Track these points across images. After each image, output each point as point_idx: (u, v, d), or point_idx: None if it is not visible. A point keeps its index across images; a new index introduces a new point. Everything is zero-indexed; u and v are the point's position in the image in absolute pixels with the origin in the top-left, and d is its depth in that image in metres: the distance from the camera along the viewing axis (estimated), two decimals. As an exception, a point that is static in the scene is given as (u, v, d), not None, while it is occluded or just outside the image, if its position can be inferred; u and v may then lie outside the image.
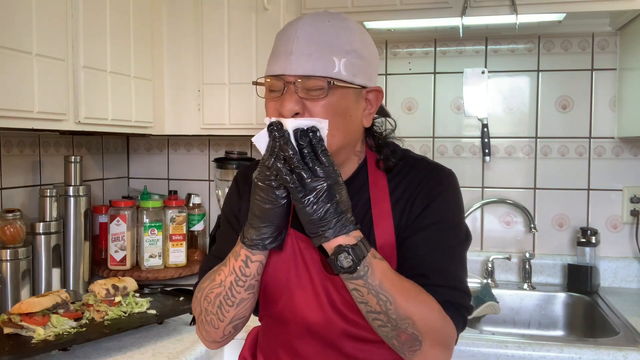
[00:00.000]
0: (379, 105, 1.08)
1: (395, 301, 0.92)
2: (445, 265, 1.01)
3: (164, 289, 1.88)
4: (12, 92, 1.34)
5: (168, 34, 2.05)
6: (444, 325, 0.97)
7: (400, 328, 0.94)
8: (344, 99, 1.00)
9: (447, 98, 2.26)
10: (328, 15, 1.02)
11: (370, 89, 1.05)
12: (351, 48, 0.99)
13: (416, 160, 1.11)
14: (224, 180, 2.27)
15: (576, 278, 2.07)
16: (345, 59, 0.98)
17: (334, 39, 0.98)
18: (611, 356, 1.48)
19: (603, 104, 2.14)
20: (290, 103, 0.96)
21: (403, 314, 0.93)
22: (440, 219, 1.04)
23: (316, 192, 0.89)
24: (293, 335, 1.09)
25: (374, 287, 0.92)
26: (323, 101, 0.97)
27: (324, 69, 0.97)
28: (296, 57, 0.97)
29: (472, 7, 1.84)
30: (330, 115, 0.98)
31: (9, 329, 1.39)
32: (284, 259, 1.07)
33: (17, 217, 1.67)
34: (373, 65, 1.05)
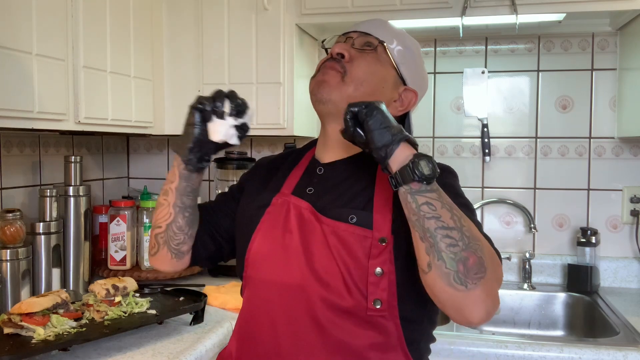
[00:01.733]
0: (409, 106, 1.17)
1: (464, 218, 0.92)
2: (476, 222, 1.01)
3: (164, 289, 1.88)
4: (12, 92, 1.34)
5: (168, 34, 2.05)
6: (499, 262, 0.99)
7: (471, 248, 0.89)
8: (383, 72, 1.13)
9: (447, 98, 2.26)
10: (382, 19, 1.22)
11: (409, 88, 1.16)
12: (404, 44, 1.15)
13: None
14: (224, 180, 2.27)
15: (576, 278, 2.07)
16: (400, 48, 1.14)
17: (393, 29, 1.17)
18: (611, 356, 1.48)
19: (603, 104, 2.14)
20: (342, 46, 1.13)
21: (475, 234, 0.92)
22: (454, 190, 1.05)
23: (375, 108, 0.94)
24: (268, 302, 1.10)
25: (447, 202, 0.92)
26: (369, 56, 1.12)
27: (383, 36, 1.14)
28: (367, 23, 1.17)
29: (472, 7, 1.85)
30: (370, 69, 1.12)
31: (9, 329, 1.39)
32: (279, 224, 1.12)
33: (17, 217, 1.67)
34: (420, 77, 1.19)
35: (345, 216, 1.06)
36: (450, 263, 0.89)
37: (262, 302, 1.12)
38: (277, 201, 1.15)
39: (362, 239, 1.04)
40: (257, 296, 1.14)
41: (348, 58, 1.12)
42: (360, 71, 1.11)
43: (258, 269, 1.14)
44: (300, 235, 1.09)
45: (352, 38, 1.16)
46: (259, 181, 1.25)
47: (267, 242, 1.13)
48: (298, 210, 1.12)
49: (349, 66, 1.12)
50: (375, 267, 1.02)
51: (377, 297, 1.02)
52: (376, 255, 1.03)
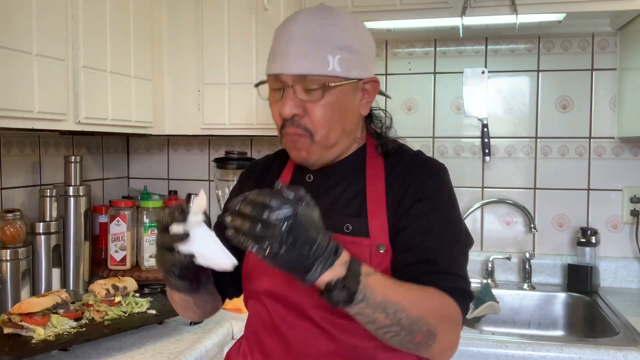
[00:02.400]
0: (376, 93, 1.12)
1: (404, 307, 0.90)
2: (452, 253, 1.03)
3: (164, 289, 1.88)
4: (12, 92, 1.34)
5: (168, 34, 2.05)
6: (450, 311, 0.98)
7: (414, 330, 0.92)
8: (341, 95, 1.04)
9: (447, 98, 2.26)
10: (322, 11, 1.05)
11: (367, 80, 1.08)
12: (345, 44, 1.02)
13: (412, 151, 1.16)
14: (224, 180, 2.27)
15: (576, 278, 2.06)
16: (339, 56, 1.01)
17: (327, 36, 1.01)
18: (611, 356, 1.47)
19: (603, 104, 2.14)
20: (290, 106, 1.02)
21: (415, 316, 0.91)
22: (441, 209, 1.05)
23: (277, 241, 0.80)
24: (274, 314, 1.10)
25: (379, 305, 0.88)
26: (322, 102, 1.02)
27: (319, 67, 1.00)
28: (292, 57, 1.01)
29: (472, 7, 1.84)
30: (329, 112, 1.03)
31: (9, 329, 1.39)
32: None
33: (17, 217, 1.67)
34: (368, 56, 1.08)
35: (340, 226, 1.05)
36: (400, 345, 0.94)
37: (267, 315, 1.11)
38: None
39: (361, 247, 1.03)
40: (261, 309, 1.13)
41: (303, 113, 1.03)
42: (322, 122, 1.03)
43: (258, 282, 1.12)
44: None
45: (288, 86, 1.02)
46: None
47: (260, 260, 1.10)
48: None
49: (309, 123, 1.03)
50: None
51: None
52: (377, 263, 1.02)
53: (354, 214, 1.06)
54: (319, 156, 1.08)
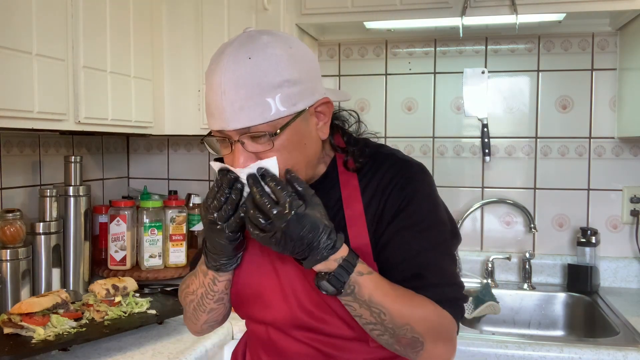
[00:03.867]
0: (331, 112, 1.02)
1: (389, 311, 0.93)
2: (438, 263, 1.01)
3: (164, 289, 1.88)
4: (12, 92, 1.34)
5: (168, 33, 2.05)
6: (442, 323, 0.97)
7: (398, 335, 0.94)
8: (294, 133, 0.95)
9: (447, 98, 2.26)
10: (248, 47, 0.92)
11: (318, 103, 0.98)
12: (282, 79, 0.91)
13: (386, 156, 1.08)
14: (224, 180, 2.26)
15: (576, 278, 2.07)
16: (279, 94, 0.91)
17: (261, 78, 0.90)
18: (611, 356, 1.48)
19: (603, 104, 2.14)
20: (241, 160, 0.94)
21: (399, 322, 0.93)
22: (422, 218, 1.02)
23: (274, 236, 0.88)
24: (271, 333, 1.10)
25: (365, 302, 0.92)
26: (275, 148, 0.94)
27: (261, 115, 0.91)
28: (229, 112, 0.91)
29: (472, 7, 1.84)
30: (286, 155, 0.95)
31: (9, 329, 1.39)
32: (256, 261, 1.08)
33: (17, 217, 1.67)
34: (311, 78, 0.97)
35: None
36: (386, 345, 0.98)
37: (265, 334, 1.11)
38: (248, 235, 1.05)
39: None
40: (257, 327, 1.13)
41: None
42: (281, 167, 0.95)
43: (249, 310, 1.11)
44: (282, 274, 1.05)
45: (235, 140, 0.94)
46: None
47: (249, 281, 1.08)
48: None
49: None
50: None
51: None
52: None
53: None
54: None
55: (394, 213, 1.02)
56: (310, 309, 1.03)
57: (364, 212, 1.03)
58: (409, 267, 0.99)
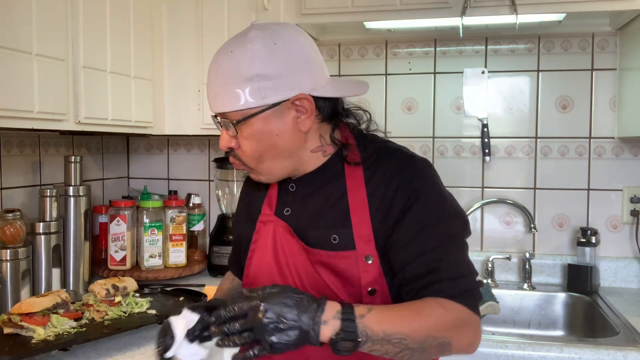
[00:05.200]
0: (312, 107, 1.05)
1: (407, 335, 0.94)
2: (451, 257, 1.03)
3: (164, 289, 1.88)
4: (12, 92, 1.34)
5: (168, 34, 2.05)
6: (457, 317, 0.99)
7: (426, 349, 0.96)
8: (263, 124, 1.03)
9: (447, 98, 2.26)
10: (235, 41, 1.04)
11: (295, 98, 1.03)
12: (253, 74, 1.00)
13: (392, 151, 1.11)
14: (224, 180, 2.27)
15: (576, 278, 2.07)
16: (249, 87, 1.00)
17: (234, 71, 1.01)
18: (611, 356, 1.48)
19: (603, 104, 2.14)
20: (224, 141, 1.07)
21: (421, 338, 0.95)
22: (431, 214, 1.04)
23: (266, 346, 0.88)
24: None
25: (382, 339, 0.92)
26: (244, 135, 1.04)
27: (230, 104, 1.02)
28: (211, 97, 1.06)
29: (472, 7, 1.84)
30: (254, 143, 1.05)
31: (9, 329, 1.39)
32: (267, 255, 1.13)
33: (17, 217, 1.67)
34: (289, 76, 1.02)
35: (327, 239, 1.07)
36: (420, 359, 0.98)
37: None
38: (260, 226, 1.16)
39: (348, 259, 1.05)
40: None
41: (237, 146, 1.07)
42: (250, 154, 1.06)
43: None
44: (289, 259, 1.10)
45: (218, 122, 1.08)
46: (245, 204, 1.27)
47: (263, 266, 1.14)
48: (282, 233, 1.12)
49: (241, 154, 1.08)
50: (367, 287, 1.04)
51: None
52: (365, 275, 1.04)
53: (339, 224, 1.07)
54: (266, 179, 1.12)
55: (402, 208, 1.04)
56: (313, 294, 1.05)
57: (367, 202, 1.06)
58: (423, 264, 1.01)
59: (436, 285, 1.00)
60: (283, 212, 1.14)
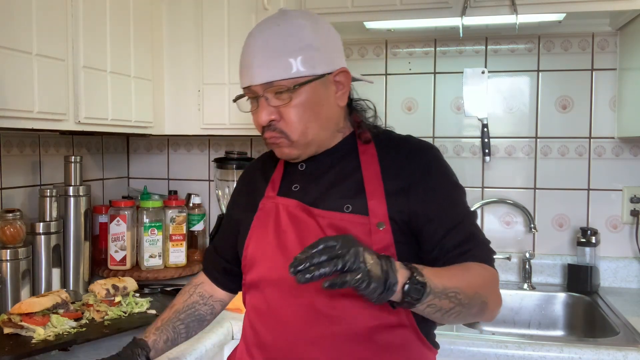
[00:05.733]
0: (349, 83, 1.15)
1: (460, 289, 0.97)
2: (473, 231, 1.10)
3: (164, 289, 1.88)
4: (12, 92, 1.34)
5: (168, 34, 2.05)
6: (492, 279, 1.07)
7: (472, 306, 1.00)
8: (312, 93, 1.09)
9: (447, 98, 2.26)
10: (278, 18, 1.10)
11: (337, 72, 1.12)
12: (304, 44, 1.07)
13: (402, 138, 1.20)
14: (224, 180, 2.27)
15: (576, 278, 2.07)
16: (301, 56, 1.06)
17: (285, 41, 1.07)
18: (611, 356, 1.48)
19: (603, 104, 2.14)
20: (265, 114, 1.09)
21: (471, 293, 1.00)
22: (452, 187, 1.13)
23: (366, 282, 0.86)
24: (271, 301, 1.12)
25: (441, 292, 0.94)
26: (292, 103, 1.08)
27: (282, 72, 1.06)
28: (256, 68, 1.08)
29: (472, 7, 1.84)
30: (302, 112, 1.09)
31: (9, 329, 1.39)
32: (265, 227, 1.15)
33: (17, 217, 1.67)
34: (332, 49, 1.12)
35: (340, 206, 1.09)
36: (456, 322, 1.03)
37: (264, 304, 1.13)
38: (264, 205, 1.19)
39: (360, 225, 1.07)
40: (259, 299, 1.15)
41: (279, 118, 1.10)
42: (297, 122, 1.10)
43: (256, 271, 1.16)
44: (294, 232, 1.11)
45: (260, 95, 1.10)
46: (245, 191, 1.29)
47: (261, 245, 1.15)
48: (287, 209, 1.14)
49: (284, 126, 1.10)
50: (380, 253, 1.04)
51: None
52: (377, 241, 1.06)
53: (351, 195, 1.10)
54: (300, 153, 1.14)
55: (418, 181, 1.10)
56: None
57: (380, 175, 1.11)
58: (461, 232, 1.08)
59: (473, 251, 1.06)
60: (291, 189, 1.17)
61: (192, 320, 1.26)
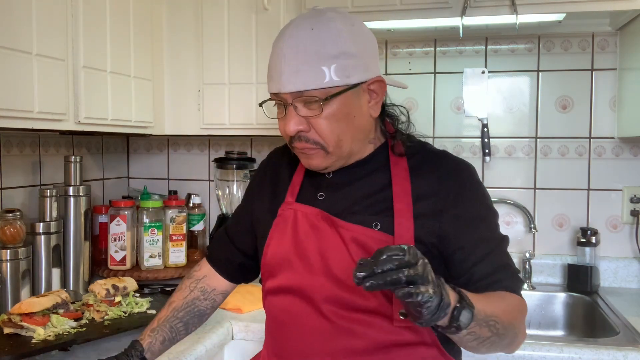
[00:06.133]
0: (384, 92, 1.09)
1: (499, 318, 0.93)
2: (505, 260, 1.06)
3: (164, 289, 1.88)
4: (12, 92, 1.34)
5: (168, 34, 2.05)
6: (522, 310, 1.03)
7: (506, 336, 0.96)
8: (344, 104, 1.02)
9: (447, 98, 2.26)
10: (312, 19, 1.01)
11: (372, 81, 1.05)
12: (339, 51, 0.99)
13: (437, 151, 1.14)
14: (224, 180, 2.27)
15: (576, 278, 2.06)
16: (335, 65, 0.99)
17: (319, 47, 0.98)
18: (611, 356, 1.47)
19: (603, 104, 2.14)
20: (293, 124, 1.02)
21: (507, 324, 0.95)
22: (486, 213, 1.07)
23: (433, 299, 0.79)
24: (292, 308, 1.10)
25: (483, 319, 0.90)
26: (324, 114, 1.01)
27: (314, 81, 0.98)
28: (286, 75, 0.99)
29: (472, 7, 1.84)
30: (333, 123, 1.02)
31: (9, 329, 1.39)
32: (286, 232, 1.11)
33: (17, 217, 1.67)
34: (368, 56, 1.05)
35: (369, 222, 1.05)
36: (487, 351, 0.99)
37: (284, 314, 1.12)
38: (283, 212, 1.14)
39: (384, 244, 1.02)
40: (278, 307, 1.13)
41: (308, 128, 1.03)
42: (329, 134, 1.03)
43: (276, 280, 1.13)
44: (314, 242, 1.08)
45: (288, 103, 1.02)
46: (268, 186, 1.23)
47: (280, 252, 1.12)
48: (307, 217, 1.10)
49: (316, 136, 1.04)
50: None
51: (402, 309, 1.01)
52: None
53: (379, 211, 1.05)
54: (331, 163, 1.08)
55: (450, 204, 1.05)
56: (339, 276, 1.04)
57: (410, 193, 1.06)
58: (492, 262, 1.03)
59: (503, 281, 1.02)
60: (316, 197, 1.12)
61: (191, 317, 1.24)
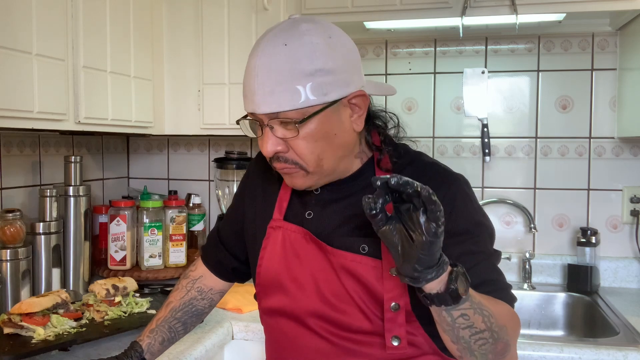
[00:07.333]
0: (367, 105, 1.02)
1: (494, 313, 0.90)
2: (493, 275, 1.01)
3: (164, 289, 1.88)
4: (12, 92, 1.34)
5: (168, 34, 2.05)
6: (516, 321, 0.97)
7: (499, 339, 0.91)
8: (322, 122, 0.96)
9: (447, 98, 2.26)
10: (286, 33, 0.95)
11: (352, 95, 0.98)
12: (315, 68, 0.92)
13: (427, 164, 1.09)
14: (224, 180, 2.27)
15: (576, 278, 2.07)
16: (310, 83, 0.92)
17: (293, 65, 0.92)
18: (611, 356, 1.48)
19: (603, 104, 2.14)
20: (270, 145, 0.97)
21: (501, 323, 0.91)
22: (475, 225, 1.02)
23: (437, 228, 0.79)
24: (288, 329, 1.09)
25: (478, 305, 0.87)
26: (301, 135, 0.95)
27: (289, 102, 0.92)
28: (259, 95, 0.94)
29: (472, 7, 1.85)
30: (312, 143, 0.96)
31: (9, 329, 1.39)
32: (277, 252, 1.09)
33: (17, 217, 1.67)
34: (348, 70, 0.97)
35: (356, 246, 1.01)
36: (482, 357, 0.92)
37: (280, 334, 1.11)
38: (272, 231, 1.10)
39: (373, 270, 1.00)
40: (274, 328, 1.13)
41: (286, 149, 0.98)
42: (308, 155, 0.98)
43: (269, 301, 1.12)
44: (304, 264, 1.05)
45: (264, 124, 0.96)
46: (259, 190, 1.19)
47: (270, 274, 1.09)
48: (296, 238, 1.07)
49: (295, 157, 0.98)
50: (391, 301, 0.99)
51: (395, 334, 0.99)
52: (390, 288, 0.99)
53: (367, 233, 0.99)
54: (314, 182, 1.04)
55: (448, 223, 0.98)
56: (331, 299, 1.02)
57: None
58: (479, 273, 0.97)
59: (492, 293, 0.96)
60: (304, 216, 1.08)
61: (189, 317, 1.24)
